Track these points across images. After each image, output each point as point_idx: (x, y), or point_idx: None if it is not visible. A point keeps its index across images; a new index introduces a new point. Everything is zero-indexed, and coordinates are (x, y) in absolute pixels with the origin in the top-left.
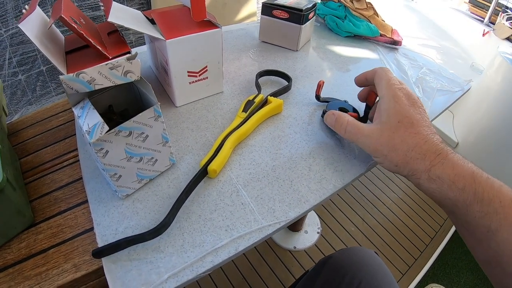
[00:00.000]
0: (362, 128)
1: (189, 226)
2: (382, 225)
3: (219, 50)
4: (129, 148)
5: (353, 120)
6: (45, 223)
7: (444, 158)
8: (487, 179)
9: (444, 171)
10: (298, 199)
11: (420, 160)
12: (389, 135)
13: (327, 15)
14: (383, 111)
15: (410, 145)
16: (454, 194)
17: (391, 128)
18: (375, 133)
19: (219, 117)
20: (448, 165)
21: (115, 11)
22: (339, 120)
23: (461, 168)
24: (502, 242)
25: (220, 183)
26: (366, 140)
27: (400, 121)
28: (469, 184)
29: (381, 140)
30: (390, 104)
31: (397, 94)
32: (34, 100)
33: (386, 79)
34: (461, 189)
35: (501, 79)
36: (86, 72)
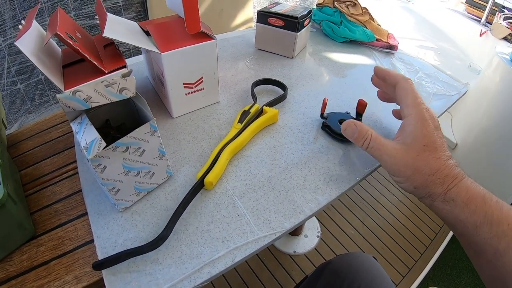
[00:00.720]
0: (386, 145)
1: (187, 238)
2: (382, 227)
3: (214, 61)
4: (126, 163)
5: (376, 135)
6: (46, 235)
7: (459, 181)
8: (497, 202)
9: (458, 194)
10: (294, 210)
11: (439, 184)
12: (414, 157)
13: (323, 21)
14: (409, 132)
15: (432, 169)
16: (465, 216)
17: (417, 151)
18: (399, 153)
19: (216, 128)
20: (462, 188)
21: (111, 24)
22: (362, 133)
23: (473, 191)
24: (509, 263)
25: (217, 195)
26: (390, 159)
27: (426, 145)
28: (480, 207)
29: (406, 161)
30: (418, 126)
31: (424, 116)
32: (33, 109)
33: (412, 96)
34: (473, 211)
35: (499, 79)
36: (82, 90)
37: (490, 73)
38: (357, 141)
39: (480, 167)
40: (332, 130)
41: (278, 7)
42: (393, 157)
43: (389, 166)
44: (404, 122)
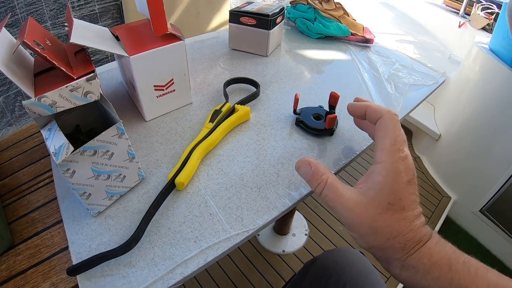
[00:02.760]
0: (343, 196)
1: (159, 239)
2: None
3: (184, 62)
4: (95, 167)
5: (332, 181)
6: (24, 244)
7: (422, 246)
8: (463, 264)
9: (420, 260)
10: (267, 206)
11: (398, 249)
12: (374, 216)
13: (298, 18)
14: (375, 183)
15: (393, 233)
16: (428, 283)
17: (379, 209)
18: (357, 208)
19: (188, 129)
20: (425, 253)
21: (78, 30)
22: (316, 175)
23: (437, 256)
24: None
25: (189, 195)
26: (345, 213)
27: (391, 203)
28: (444, 273)
29: (362, 219)
30: (387, 179)
31: (398, 168)
32: (14, 121)
33: (392, 139)
34: (436, 279)
35: (478, 69)
36: (47, 96)
37: (470, 63)
38: (310, 183)
39: (464, 157)
40: (306, 125)
41: (250, 6)
42: (349, 211)
43: (343, 219)
44: (373, 169)
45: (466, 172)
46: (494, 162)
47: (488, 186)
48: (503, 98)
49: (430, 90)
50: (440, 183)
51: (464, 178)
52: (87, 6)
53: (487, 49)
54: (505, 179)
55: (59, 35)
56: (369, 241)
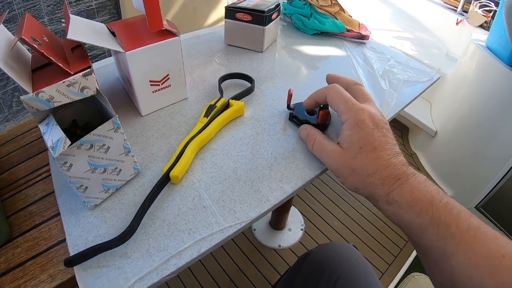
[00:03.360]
0: (327, 147)
1: (154, 231)
2: (365, 217)
3: (179, 58)
4: (92, 160)
5: (320, 138)
6: (22, 237)
7: (403, 183)
8: (446, 204)
9: (402, 196)
10: (259, 199)
11: (379, 186)
12: (350, 160)
13: (294, 14)
14: (346, 136)
15: (369, 171)
16: (409, 217)
17: (352, 153)
18: (336, 155)
19: (183, 124)
20: (406, 189)
21: (75, 26)
22: (309, 136)
23: (419, 193)
24: (457, 266)
25: (183, 188)
26: (329, 160)
27: (362, 147)
28: (425, 209)
29: (342, 163)
30: (354, 130)
31: (360, 118)
32: (12, 117)
33: (343, 101)
34: (417, 213)
35: (475, 66)
36: (45, 91)
37: (467, 60)
38: (306, 142)
39: (460, 153)
40: (299, 120)
41: (246, 2)
42: (332, 159)
43: (329, 166)
44: (342, 127)
45: (462, 169)
46: (490, 159)
47: (484, 183)
48: (500, 96)
49: (425, 87)
50: (436, 180)
51: (460, 175)
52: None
53: (484, 47)
54: (500, 176)
55: (56, 31)
56: (353, 181)
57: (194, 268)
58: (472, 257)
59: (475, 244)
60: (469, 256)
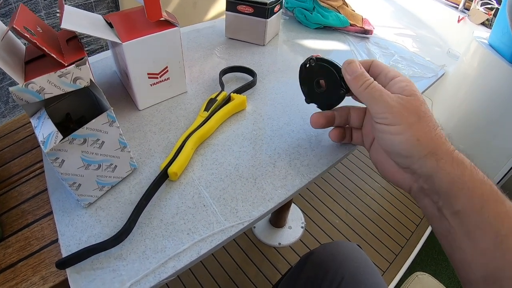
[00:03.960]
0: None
1: (151, 231)
2: (366, 215)
3: (179, 49)
4: (85, 156)
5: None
6: (14, 237)
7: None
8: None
9: (464, 158)
10: (262, 197)
11: (444, 140)
12: (419, 106)
13: (296, 8)
14: (404, 86)
15: (436, 124)
16: (474, 185)
17: (419, 100)
18: (403, 99)
19: (182, 118)
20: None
21: (70, 16)
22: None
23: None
24: (508, 250)
25: (182, 186)
26: (393, 101)
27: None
28: (485, 179)
29: (410, 107)
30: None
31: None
32: (8, 112)
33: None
34: (480, 181)
35: (477, 64)
36: (35, 82)
37: (468, 58)
38: (356, 80)
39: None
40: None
41: None
42: (397, 101)
43: (389, 109)
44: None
45: None
46: (492, 156)
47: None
48: (502, 94)
49: (430, 83)
50: None
51: None
52: None
53: (487, 44)
54: (503, 173)
55: (53, 25)
56: (417, 129)
57: (193, 266)
58: None
59: None
60: None
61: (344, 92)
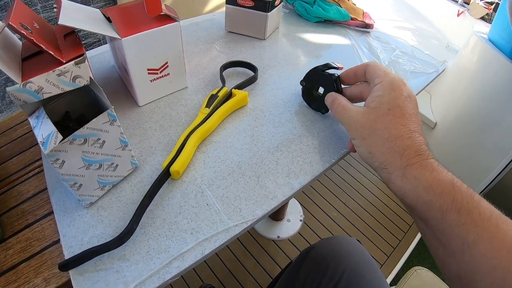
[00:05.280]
0: (350, 107)
1: (154, 231)
2: (364, 208)
3: (179, 44)
4: (86, 156)
5: (344, 101)
6: (14, 238)
7: (424, 160)
8: (467, 189)
9: (421, 173)
10: (265, 196)
11: (397, 154)
12: (374, 119)
13: (296, 1)
14: (376, 97)
15: (392, 135)
16: (430, 198)
17: (379, 113)
18: (360, 115)
19: (183, 114)
20: (427, 167)
21: (67, 11)
22: (334, 101)
23: (440, 174)
24: (479, 257)
25: (184, 184)
26: (350, 119)
27: (390, 109)
28: (447, 191)
29: (364, 122)
30: (386, 91)
31: (396, 83)
32: (4, 108)
33: (383, 69)
34: (439, 194)
35: (476, 59)
36: (33, 81)
37: (468, 52)
38: (331, 107)
39: (460, 145)
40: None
41: None
42: (353, 118)
43: (348, 126)
44: (374, 88)
45: (461, 161)
46: (490, 151)
47: (484, 174)
48: (501, 88)
49: (431, 78)
50: None
51: (459, 166)
52: None
53: (486, 39)
54: (500, 168)
55: (50, 18)
56: (369, 144)
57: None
58: (495, 248)
59: (498, 234)
60: (492, 246)
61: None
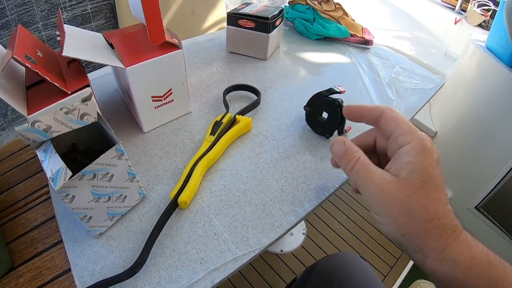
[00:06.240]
0: (374, 173)
1: (164, 261)
2: (366, 220)
3: (182, 71)
4: (95, 190)
5: (365, 159)
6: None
7: (459, 235)
8: (500, 262)
9: (460, 253)
10: (272, 224)
11: (436, 236)
12: (408, 195)
13: (296, 19)
14: (406, 163)
15: (430, 214)
16: (468, 282)
17: (412, 187)
18: (389, 186)
19: (188, 141)
20: (464, 244)
21: (71, 40)
22: (348, 152)
23: (476, 250)
24: None
25: (192, 214)
26: (376, 190)
27: (425, 181)
28: (484, 270)
29: (395, 198)
30: (419, 157)
31: (426, 144)
32: (6, 125)
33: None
34: (476, 275)
35: (475, 66)
36: (42, 121)
37: (466, 60)
38: (341, 160)
39: (460, 154)
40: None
41: (248, 8)
42: (381, 189)
43: (373, 198)
44: (400, 152)
45: (462, 169)
46: (490, 159)
47: (484, 183)
48: (500, 96)
49: (431, 94)
50: None
51: (460, 175)
52: (79, 6)
53: (484, 47)
54: (501, 176)
55: (51, 36)
56: (402, 225)
57: None
58: None
59: None
60: None
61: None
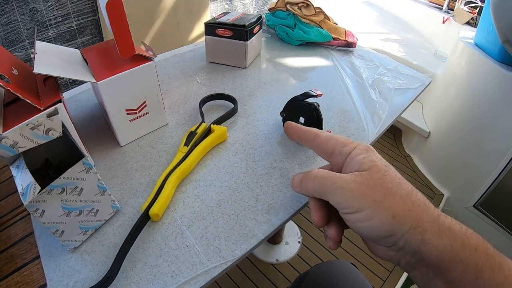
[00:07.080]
0: (336, 175)
1: (136, 275)
2: None
3: (155, 83)
4: (65, 204)
5: (323, 171)
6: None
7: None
8: (489, 240)
9: (453, 222)
10: (245, 235)
11: (423, 206)
12: (380, 177)
13: (277, 25)
14: (362, 159)
15: (408, 186)
16: (466, 255)
17: (381, 171)
18: (361, 176)
19: (163, 153)
20: (452, 219)
21: (43, 57)
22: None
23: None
24: None
25: (164, 226)
26: (350, 184)
27: (387, 166)
28: (481, 243)
29: (372, 182)
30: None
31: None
32: None
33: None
34: (474, 248)
35: (465, 64)
36: (8, 136)
37: (455, 58)
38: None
39: (455, 153)
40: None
41: (226, 17)
42: (354, 181)
43: (349, 193)
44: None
45: (458, 168)
46: (485, 156)
47: (480, 181)
48: (491, 92)
49: (417, 93)
50: (432, 181)
51: (456, 174)
52: (64, 23)
53: (473, 44)
54: (497, 173)
55: None
56: (389, 205)
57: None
58: None
59: None
60: None
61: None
